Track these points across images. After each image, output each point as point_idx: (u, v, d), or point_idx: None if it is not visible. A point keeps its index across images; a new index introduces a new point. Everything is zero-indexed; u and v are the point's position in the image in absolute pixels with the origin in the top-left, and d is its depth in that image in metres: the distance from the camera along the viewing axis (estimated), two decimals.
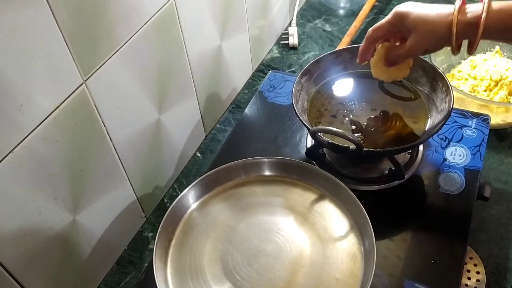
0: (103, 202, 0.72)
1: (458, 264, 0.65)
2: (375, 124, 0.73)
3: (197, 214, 0.67)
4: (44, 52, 0.55)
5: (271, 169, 0.71)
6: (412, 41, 0.63)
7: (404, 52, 0.65)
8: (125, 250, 0.82)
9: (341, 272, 0.60)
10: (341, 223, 0.65)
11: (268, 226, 0.65)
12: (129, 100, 0.72)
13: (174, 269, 0.62)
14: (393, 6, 1.24)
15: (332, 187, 0.67)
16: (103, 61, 0.64)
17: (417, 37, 0.63)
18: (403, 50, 0.65)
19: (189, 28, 0.81)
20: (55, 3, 0.54)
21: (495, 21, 0.57)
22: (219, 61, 0.95)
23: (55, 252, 0.66)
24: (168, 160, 0.88)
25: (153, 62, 0.74)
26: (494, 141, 0.92)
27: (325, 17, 1.25)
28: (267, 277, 0.60)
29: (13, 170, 0.56)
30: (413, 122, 0.73)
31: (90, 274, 0.75)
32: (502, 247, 0.78)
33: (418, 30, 0.62)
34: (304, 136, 0.82)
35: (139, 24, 0.69)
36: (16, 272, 0.60)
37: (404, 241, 0.68)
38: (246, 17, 1.00)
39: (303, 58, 1.14)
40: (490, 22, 0.57)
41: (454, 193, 0.72)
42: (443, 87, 0.72)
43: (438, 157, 0.77)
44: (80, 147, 0.65)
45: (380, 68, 0.71)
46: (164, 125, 0.82)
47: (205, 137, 0.99)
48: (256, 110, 0.88)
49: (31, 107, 0.55)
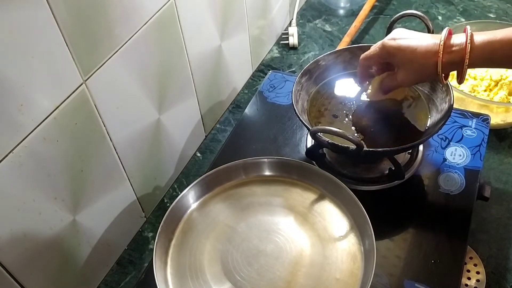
0: (103, 202, 0.72)
1: (458, 264, 0.65)
2: (375, 124, 0.73)
3: (197, 214, 0.67)
4: (44, 52, 0.55)
5: (271, 169, 0.71)
6: (402, 77, 0.66)
7: (396, 84, 0.68)
8: (125, 250, 0.82)
9: (341, 272, 0.60)
10: (341, 223, 0.65)
11: (268, 226, 0.65)
12: (129, 100, 0.72)
13: (174, 269, 0.62)
14: (393, 6, 1.25)
15: (332, 187, 0.67)
16: (103, 61, 0.64)
17: (407, 74, 0.65)
18: (396, 83, 0.68)
19: (189, 28, 0.81)
20: (55, 3, 0.54)
21: (480, 56, 0.59)
22: (219, 61, 0.95)
23: (55, 252, 0.66)
24: (168, 160, 0.88)
25: (153, 62, 0.74)
26: (494, 141, 0.92)
27: (325, 17, 1.25)
28: (267, 277, 0.60)
29: (13, 170, 0.56)
30: (413, 122, 0.73)
31: (90, 274, 0.75)
32: (502, 247, 0.78)
33: (406, 69, 0.65)
34: (304, 136, 0.82)
35: (139, 24, 0.69)
36: (16, 272, 0.60)
37: (404, 241, 0.68)
38: (246, 17, 1.00)
39: (303, 58, 1.14)
40: (475, 58, 0.59)
41: (454, 193, 0.72)
42: (443, 87, 0.72)
43: (438, 157, 0.77)
44: (80, 147, 0.65)
45: (378, 97, 0.74)
46: (164, 125, 0.82)
47: (205, 137, 0.99)
48: (256, 110, 0.88)
49: (31, 107, 0.55)
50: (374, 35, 1.18)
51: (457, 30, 0.99)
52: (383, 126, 0.73)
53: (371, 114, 0.75)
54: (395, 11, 1.24)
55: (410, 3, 1.26)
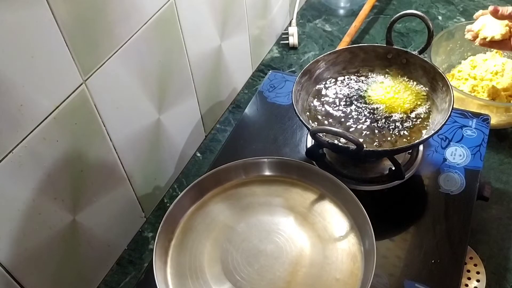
0: (103, 202, 0.72)
1: (458, 264, 0.65)
2: (375, 124, 0.73)
3: (197, 214, 0.67)
4: (44, 52, 0.55)
5: (271, 169, 0.71)
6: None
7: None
8: (125, 250, 0.82)
9: (341, 272, 0.60)
10: (341, 223, 0.65)
11: (268, 226, 0.65)
12: (129, 100, 0.72)
13: (174, 269, 0.62)
14: (393, 6, 1.25)
15: (332, 187, 0.67)
16: (103, 61, 0.64)
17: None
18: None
19: (189, 28, 0.81)
20: (55, 3, 0.54)
21: None
22: (219, 61, 0.95)
23: (55, 252, 0.66)
24: (168, 160, 0.88)
25: (153, 62, 0.74)
26: (494, 141, 0.92)
27: (325, 17, 1.25)
28: (267, 277, 0.60)
29: (13, 170, 0.56)
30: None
31: (90, 274, 0.75)
32: (502, 247, 0.78)
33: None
34: (304, 136, 0.82)
35: (139, 24, 0.69)
36: (16, 272, 0.60)
37: (404, 241, 0.68)
38: (246, 17, 1.00)
39: (303, 58, 1.14)
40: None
41: (454, 193, 0.72)
42: (443, 87, 0.72)
43: (438, 157, 0.77)
44: (80, 147, 0.65)
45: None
46: (164, 125, 0.82)
47: (205, 137, 0.99)
48: (256, 110, 0.88)
49: (31, 107, 0.55)
50: (374, 35, 1.18)
51: (457, 30, 1.00)
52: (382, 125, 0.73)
53: (371, 113, 0.75)
54: (395, 11, 1.24)
55: (410, 3, 1.26)
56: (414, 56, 0.77)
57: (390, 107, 0.75)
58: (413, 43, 1.15)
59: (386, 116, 0.74)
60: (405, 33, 1.18)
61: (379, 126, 0.73)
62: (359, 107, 0.75)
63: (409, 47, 1.14)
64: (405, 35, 1.17)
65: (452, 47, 1.01)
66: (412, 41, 1.16)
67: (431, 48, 0.93)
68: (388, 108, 0.75)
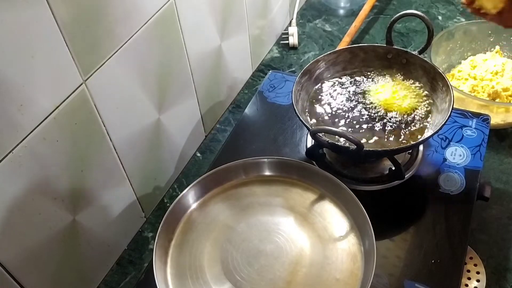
0: (103, 202, 0.72)
1: (458, 264, 0.65)
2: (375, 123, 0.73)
3: (197, 214, 0.67)
4: (44, 52, 0.55)
5: (271, 169, 0.71)
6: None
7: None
8: (125, 250, 0.82)
9: (341, 272, 0.60)
10: (341, 223, 0.65)
11: (268, 226, 0.65)
12: (129, 100, 0.72)
13: (174, 269, 0.62)
14: (393, 6, 1.25)
15: (332, 187, 0.67)
16: (103, 61, 0.64)
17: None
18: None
19: (189, 28, 0.81)
20: (55, 3, 0.54)
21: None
22: (219, 61, 0.95)
23: (55, 252, 0.66)
24: (168, 160, 0.88)
25: (153, 62, 0.74)
26: (494, 141, 0.92)
27: (325, 17, 1.25)
28: (267, 277, 0.60)
29: (13, 170, 0.56)
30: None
31: (90, 274, 0.75)
32: (502, 247, 0.78)
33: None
34: (304, 136, 0.82)
35: (139, 24, 0.69)
36: (16, 272, 0.60)
37: (404, 241, 0.68)
38: (246, 17, 1.00)
39: (303, 58, 1.14)
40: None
41: (454, 193, 0.72)
42: (443, 87, 0.72)
43: (438, 157, 0.77)
44: (80, 147, 0.65)
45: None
46: (164, 125, 0.82)
47: (205, 137, 0.99)
48: (256, 110, 0.88)
49: (31, 107, 0.55)
50: (374, 35, 1.18)
51: (457, 30, 1.00)
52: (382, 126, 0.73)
53: (371, 113, 0.75)
54: (395, 11, 1.24)
55: (410, 3, 1.26)
56: (414, 56, 0.77)
57: (390, 107, 0.75)
58: (413, 43, 1.15)
59: (386, 116, 0.74)
60: (405, 33, 1.18)
61: (379, 126, 0.73)
62: (359, 107, 0.75)
63: (409, 47, 1.14)
64: (405, 35, 1.17)
65: (452, 47, 1.01)
66: (412, 41, 1.16)
67: (431, 48, 0.93)
68: (388, 108, 0.75)
